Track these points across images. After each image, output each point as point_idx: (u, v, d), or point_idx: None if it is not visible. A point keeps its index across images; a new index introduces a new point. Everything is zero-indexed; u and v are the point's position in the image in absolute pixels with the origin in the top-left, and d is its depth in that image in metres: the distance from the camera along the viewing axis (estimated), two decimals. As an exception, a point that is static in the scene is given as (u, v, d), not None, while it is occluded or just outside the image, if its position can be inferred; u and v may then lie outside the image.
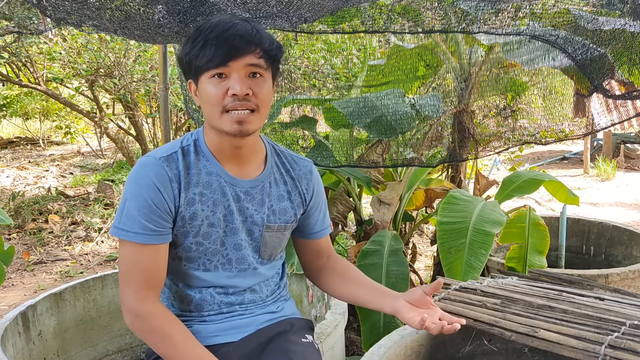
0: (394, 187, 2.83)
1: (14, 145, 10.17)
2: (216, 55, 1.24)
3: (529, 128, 2.84)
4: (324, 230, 1.58)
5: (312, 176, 1.53)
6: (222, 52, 1.23)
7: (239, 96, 1.25)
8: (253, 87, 1.27)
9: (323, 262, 1.60)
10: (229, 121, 1.28)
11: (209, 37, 1.24)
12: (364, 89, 3.19)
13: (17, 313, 1.89)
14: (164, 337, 1.27)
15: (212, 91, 1.26)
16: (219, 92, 1.26)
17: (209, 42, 1.24)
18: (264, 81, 1.30)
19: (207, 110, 1.30)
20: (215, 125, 1.31)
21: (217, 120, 1.29)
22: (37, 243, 4.74)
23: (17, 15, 2.90)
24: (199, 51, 1.25)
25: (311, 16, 1.77)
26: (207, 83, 1.27)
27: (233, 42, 1.24)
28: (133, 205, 1.28)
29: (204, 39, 1.24)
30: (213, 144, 1.37)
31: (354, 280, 1.53)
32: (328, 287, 1.58)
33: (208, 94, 1.27)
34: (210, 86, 1.26)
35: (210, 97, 1.27)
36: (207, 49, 1.24)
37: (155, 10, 1.76)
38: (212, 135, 1.36)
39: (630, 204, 6.36)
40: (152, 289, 1.31)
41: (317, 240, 1.58)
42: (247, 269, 1.43)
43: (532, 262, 2.57)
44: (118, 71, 5.91)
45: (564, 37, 2.13)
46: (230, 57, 1.24)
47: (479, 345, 1.61)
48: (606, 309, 1.47)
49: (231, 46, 1.24)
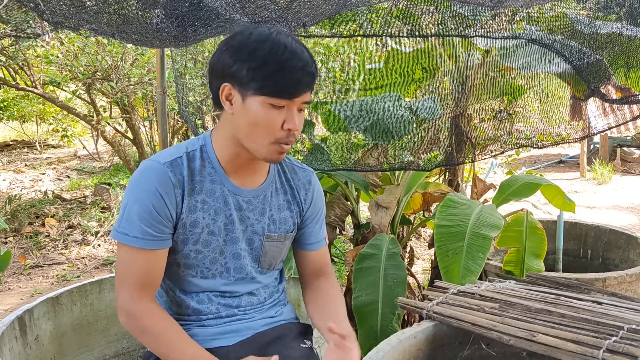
0: (392, 190, 2.83)
1: (11, 148, 10.14)
2: (287, 88, 1.21)
3: (525, 131, 2.84)
4: (317, 243, 1.55)
5: (311, 186, 1.51)
6: (292, 88, 1.22)
7: (293, 132, 1.25)
8: (299, 122, 1.27)
9: (314, 278, 1.56)
10: (275, 152, 1.27)
11: (285, 66, 1.20)
12: (361, 93, 3.20)
13: (14, 317, 1.88)
14: (156, 335, 1.27)
15: (267, 118, 1.23)
16: (276, 122, 1.24)
17: (280, 71, 1.20)
18: (303, 114, 1.31)
19: (249, 131, 1.26)
20: (251, 148, 1.28)
21: (262, 146, 1.27)
22: (34, 247, 4.73)
23: (15, 19, 2.89)
24: (267, 73, 1.20)
25: (310, 20, 1.77)
26: (262, 106, 1.23)
27: (303, 78, 1.22)
28: (134, 209, 1.28)
29: (275, 63, 1.20)
30: (225, 154, 1.35)
31: (317, 304, 1.50)
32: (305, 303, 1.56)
33: (261, 119, 1.23)
34: (267, 112, 1.23)
35: (264, 124, 1.24)
36: (277, 76, 1.20)
37: (153, 14, 1.76)
38: (228, 146, 1.34)
39: (626, 207, 6.37)
40: (147, 290, 1.31)
41: (312, 252, 1.55)
42: (245, 277, 1.42)
43: (530, 265, 2.57)
44: (115, 74, 5.90)
45: (561, 41, 2.14)
46: (297, 94, 1.23)
47: (477, 350, 1.61)
48: (604, 313, 1.47)
49: (300, 82, 1.22)
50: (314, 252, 1.55)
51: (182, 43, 2.11)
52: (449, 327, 1.57)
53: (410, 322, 2.79)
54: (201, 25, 1.84)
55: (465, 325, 1.49)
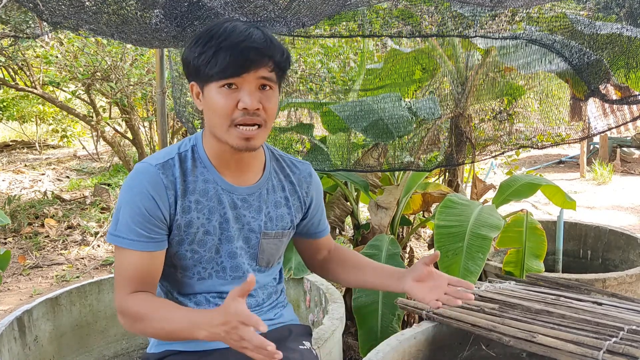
0: (392, 191, 2.83)
1: (10, 148, 10.13)
2: (229, 66, 1.20)
3: (525, 132, 2.84)
4: (325, 230, 1.61)
5: (312, 179, 1.53)
6: (236, 63, 1.20)
7: (250, 111, 1.23)
8: (263, 100, 1.24)
9: (324, 256, 1.62)
10: (236, 137, 1.25)
11: (223, 45, 1.20)
12: (361, 93, 3.19)
13: (13, 318, 1.88)
14: (147, 318, 1.24)
15: (221, 102, 1.23)
16: (229, 104, 1.22)
17: (222, 50, 1.20)
18: (273, 94, 1.28)
19: (212, 120, 1.27)
20: (220, 137, 1.28)
21: (224, 132, 1.26)
22: (33, 247, 4.72)
23: (14, 19, 2.89)
24: (210, 58, 1.21)
25: (309, 20, 1.76)
26: (216, 92, 1.23)
27: (248, 53, 1.20)
28: (127, 212, 1.27)
29: (216, 46, 1.20)
30: (212, 151, 1.35)
31: (355, 266, 1.55)
32: (333, 277, 1.61)
33: (216, 104, 1.23)
34: (219, 96, 1.23)
35: (219, 108, 1.23)
36: (220, 57, 1.20)
37: (152, 14, 1.75)
38: (212, 143, 1.34)
39: (626, 208, 6.37)
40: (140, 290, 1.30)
41: (322, 239, 1.60)
42: (242, 277, 1.42)
43: (530, 266, 2.57)
44: (115, 75, 5.89)
45: (561, 41, 2.14)
46: (244, 69, 1.21)
47: (477, 350, 1.61)
48: (604, 314, 1.47)
49: (246, 58, 1.20)
50: (324, 238, 1.61)
51: (182, 43, 2.11)
52: (448, 327, 1.57)
53: (410, 323, 2.79)
54: (200, 25, 1.84)
55: (465, 326, 1.49)
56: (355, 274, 1.54)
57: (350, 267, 1.56)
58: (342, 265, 1.58)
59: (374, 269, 1.51)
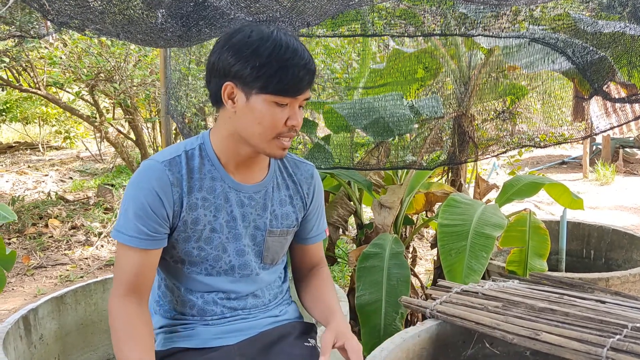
0: (395, 190, 2.83)
1: (14, 150, 10.15)
2: (292, 86, 1.24)
3: (528, 132, 2.84)
4: (318, 236, 1.57)
5: (313, 180, 1.53)
6: (297, 86, 1.25)
7: (295, 128, 1.29)
8: (300, 118, 1.31)
9: (309, 272, 1.58)
10: (276, 147, 1.30)
11: (289, 65, 1.22)
12: (363, 92, 3.21)
13: (19, 317, 1.89)
14: (114, 331, 1.27)
15: (271, 116, 1.26)
16: (279, 120, 1.27)
17: (288, 69, 1.22)
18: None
19: (252, 128, 1.28)
20: (256, 144, 1.31)
21: (264, 142, 1.29)
22: (37, 247, 4.74)
23: (18, 20, 2.91)
24: (273, 72, 1.22)
25: (313, 20, 1.77)
26: (266, 105, 1.25)
27: (306, 76, 1.25)
28: (131, 208, 1.29)
29: (281, 62, 1.22)
30: (224, 150, 1.36)
31: (313, 294, 1.51)
32: (299, 295, 1.57)
33: (265, 117, 1.26)
34: (271, 110, 1.25)
35: (268, 121, 1.26)
36: (284, 75, 1.22)
37: (158, 14, 1.76)
38: (227, 143, 1.35)
39: (629, 208, 6.37)
40: (135, 293, 1.30)
41: (310, 245, 1.57)
42: (250, 274, 1.43)
43: (533, 265, 2.57)
44: (118, 75, 5.92)
45: (564, 40, 2.14)
46: (301, 92, 1.26)
47: (481, 349, 1.61)
48: (607, 312, 1.47)
49: (304, 81, 1.25)
50: (313, 245, 1.57)
51: (187, 43, 2.12)
52: (452, 326, 1.57)
53: (414, 321, 2.80)
54: (205, 25, 1.85)
55: (468, 324, 1.50)
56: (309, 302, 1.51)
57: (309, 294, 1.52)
58: (308, 288, 1.54)
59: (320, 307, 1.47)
